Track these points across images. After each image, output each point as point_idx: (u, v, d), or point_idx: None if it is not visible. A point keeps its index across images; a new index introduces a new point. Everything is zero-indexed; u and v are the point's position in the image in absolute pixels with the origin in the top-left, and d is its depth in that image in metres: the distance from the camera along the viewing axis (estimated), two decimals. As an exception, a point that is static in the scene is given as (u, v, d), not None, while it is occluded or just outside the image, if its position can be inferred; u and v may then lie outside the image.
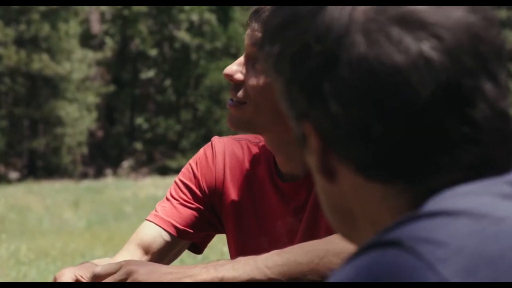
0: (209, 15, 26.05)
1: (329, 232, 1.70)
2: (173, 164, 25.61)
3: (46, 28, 24.54)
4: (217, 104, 25.75)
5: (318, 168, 0.77)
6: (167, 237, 1.82)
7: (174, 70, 26.79)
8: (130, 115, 27.63)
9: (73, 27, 25.32)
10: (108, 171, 25.22)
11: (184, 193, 1.86)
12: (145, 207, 14.76)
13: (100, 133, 27.72)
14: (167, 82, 27.09)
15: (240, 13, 26.45)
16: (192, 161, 1.89)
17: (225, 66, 1.82)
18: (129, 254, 1.77)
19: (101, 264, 1.60)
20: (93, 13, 27.38)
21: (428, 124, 0.72)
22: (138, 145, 26.56)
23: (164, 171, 24.49)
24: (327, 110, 0.74)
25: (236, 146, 1.88)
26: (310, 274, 1.46)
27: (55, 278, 1.57)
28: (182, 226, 1.83)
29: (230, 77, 1.72)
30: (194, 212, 1.85)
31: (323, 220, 1.74)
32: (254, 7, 1.75)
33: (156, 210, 1.85)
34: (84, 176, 24.65)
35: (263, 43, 0.78)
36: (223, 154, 1.87)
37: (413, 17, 0.72)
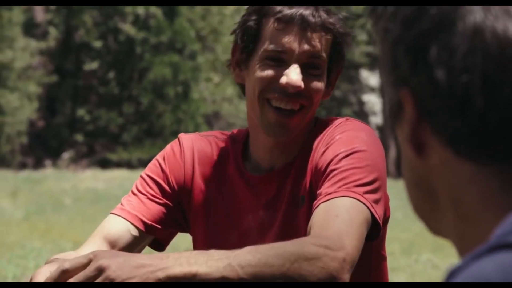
0: (155, 9, 25.90)
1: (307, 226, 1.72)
2: (113, 157, 25.41)
3: (-12, 15, 24.16)
4: (161, 98, 25.63)
5: (408, 139, 0.75)
6: (134, 231, 1.80)
7: (118, 63, 26.58)
8: (71, 106, 27.34)
9: (17, 15, 24.96)
10: (48, 162, 24.94)
11: (151, 188, 1.84)
12: (85, 199, 14.63)
13: (40, 123, 27.38)
14: (111, 75, 26.87)
15: (186, 8, 26.35)
16: (159, 157, 1.88)
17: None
18: (94, 247, 1.74)
19: (68, 258, 1.58)
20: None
21: None
22: (79, 137, 26.30)
23: (105, 164, 24.28)
24: (430, 75, 0.72)
25: (204, 143, 1.88)
26: (280, 278, 1.47)
27: (31, 278, 1.56)
28: (150, 221, 1.81)
29: (299, 88, 1.73)
30: (161, 208, 1.84)
31: (301, 213, 1.76)
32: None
33: (122, 204, 1.83)
34: (23, 166, 24.33)
35: (376, 5, 0.78)
36: (192, 150, 1.87)
37: None
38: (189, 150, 1.86)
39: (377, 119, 31.10)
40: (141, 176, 1.87)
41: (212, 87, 26.56)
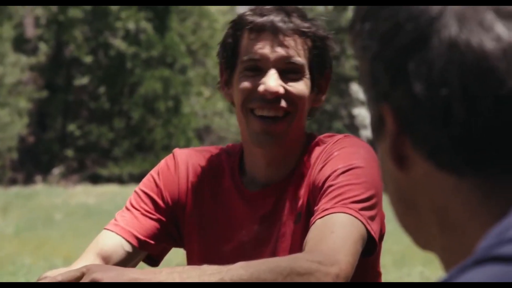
0: (145, 24, 25.93)
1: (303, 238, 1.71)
2: (104, 172, 25.36)
3: (-21, 31, 24.12)
4: (151, 113, 25.62)
5: (389, 153, 0.76)
6: (127, 247, 1.79)
7: (109, 78, 26.58)
8: (62, 122, 27.31)
9: (7, 30, 24.95)
10: (38, 177, 24.87)
11: (145, 203, 1.84)
12: (76, 215, 14.58)
13: (31, 139, 27.33)
14: (101, 90, 26.86)
15: (177, 23, 26.39)
16: (153, 172, 1.87)
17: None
18: (87, 263, 1.73)
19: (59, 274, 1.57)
20: (28, 17, 27.02)
21: (511, 114, 0.71)
22: (70, 152, 26.25)
23: (95, 179, 24.24)
24: (409, 89, 0.73)
25: (199, 157, 1.88)
26: None
27: None
28: (143, 236, 1.81)
29: (277, 93, 1.73)
30: (155, 223, 1.83)
31: (298, 229, 1.75)
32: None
33: (115, 220, 1.82)
34: (13, 182, 24.25)
35: (354, 23, 0.79)
36: (186, 165, 1.86)
37: (508, 8, 0.72)
38: (183, 165, 1.86)
39: (367, 133, 31.12)
40: (135, 191, 1.86)
41: (203, 101, 26.57)
